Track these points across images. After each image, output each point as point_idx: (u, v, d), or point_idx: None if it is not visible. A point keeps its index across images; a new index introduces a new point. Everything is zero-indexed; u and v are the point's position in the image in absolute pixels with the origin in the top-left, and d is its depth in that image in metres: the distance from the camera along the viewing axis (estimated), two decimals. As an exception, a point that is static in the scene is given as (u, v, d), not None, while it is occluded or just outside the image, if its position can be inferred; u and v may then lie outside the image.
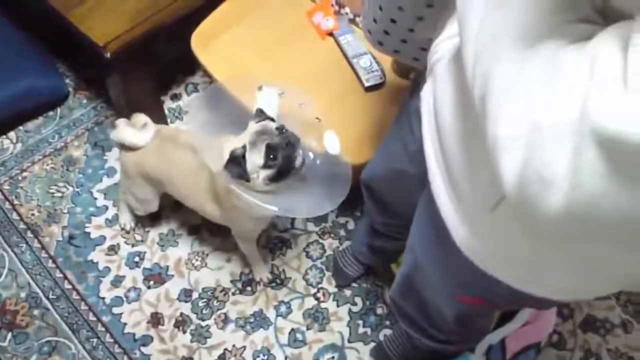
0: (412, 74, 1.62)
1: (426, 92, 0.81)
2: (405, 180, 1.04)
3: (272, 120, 1.31)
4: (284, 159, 1.24)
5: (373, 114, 1.60)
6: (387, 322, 1.66)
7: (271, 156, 1.23)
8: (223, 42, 1.69)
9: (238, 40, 1.69)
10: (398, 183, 1.13)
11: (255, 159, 1.24)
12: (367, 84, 1.60)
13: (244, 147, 1.24)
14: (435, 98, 0.76)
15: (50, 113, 2.02)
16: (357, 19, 1.71)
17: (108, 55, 1.61)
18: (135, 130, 1.51)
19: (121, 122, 1.53)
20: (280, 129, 1.26)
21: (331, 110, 1.57)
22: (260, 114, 1.32)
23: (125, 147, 1.51)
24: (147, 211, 1.67)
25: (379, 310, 1.68)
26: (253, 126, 1.29)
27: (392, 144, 1.10)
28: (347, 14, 1.71)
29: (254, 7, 1.74)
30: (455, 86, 0.72)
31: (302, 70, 1.63)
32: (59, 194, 1.83)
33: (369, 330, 1.64)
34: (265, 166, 1.24)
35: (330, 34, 1.69)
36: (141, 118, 1.54)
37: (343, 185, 1.29)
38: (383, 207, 1.31)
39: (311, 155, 1.36)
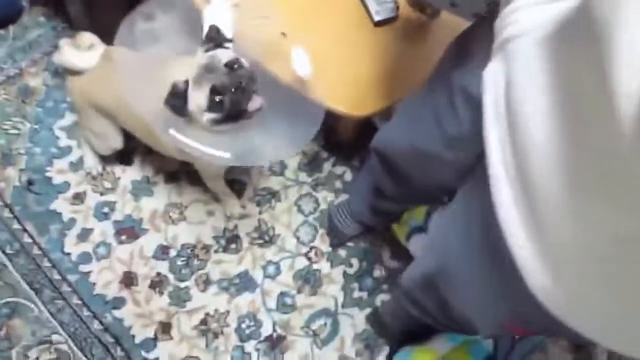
0: (429, 9, 1.38)
1: (492, 74, 0.59)
2: (435, 164, 0.85)
3: (227, 44, 1.09)
4: (231, 103, 1.04)
5: (383, 54, 1.37)
6: (385, 287, 1.52)
7: (216, 99, 1.03)
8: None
9: (224, -44, 1.40)
10: (425, 163, 0.92)
11: (197, 99, 1.04)
12: (377, 18, 1.36)
13: (186, 82, 1.04)
14: (511, 87, 0.55)
15: (1, 32, 1.72)
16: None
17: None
18: (80, 51, 1.32)
19: (64, 42, 1.34)
20: (231, 65, 1.05)
21: (334, 49, 1.34)
22: (211, 41, 1.09)
23: (71, 72, 1.34)
24: (110, 149, 1.46)
25: (376, 273, 1.53)
26: (199, 57, 1.07)
27: (422, 119, 0.88)
28: None
29: None
30: (556, 81, 0.50)
31: (300, 0, 1.37)
32: (15, 131, 1.59)
33: (364, 294, 1.50)
34: (209, 109, 1.04)
35: (335, -46, 1.41)
36: (87, 37, 1.34)
37: (311, 123, 1.09)
38: (398, 178, 1.11)
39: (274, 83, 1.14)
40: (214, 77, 1.03)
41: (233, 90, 1.04)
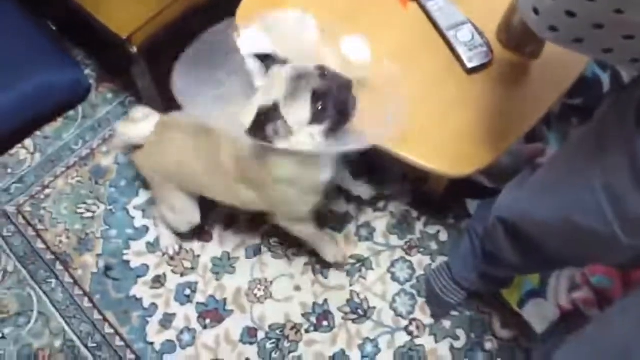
0: (529, 47, 1.24)
1: None
2: (603, 245, 0.69)
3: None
4: (337, 106, 0.93)
5: (480, 103, 1.23)
6: (499, 360, 1.34)
7: (320, 106, 0.92)
8: (276, 19, 1.32)
9: (295, 15, 1.33)
10: (582, 240, 0.77)
11: (297, 114, 0.93)
12: (470, 65, 1.23)
13: (276, 101, 0.93)
14: None
15: (71, 113, 1.70)
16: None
17: (134, 49, 1.28)
18: (136, 125, 1.31)
19: (119, 124, 1.37)
20: (322, 70, 0.95)
21: (426, 104, 1.21)
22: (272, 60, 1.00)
23: (133, 147, 1.33)
24: (188, 223, 1.37)
25: (488, 345, 1.35)
26: (282, 71, 0.96)
27: (585, 189, 0.73)
28: (434, -28, 1.32)
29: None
30: None
31: (380, 51, 1.26)
32: (89, 214, 1.54)
33: (477, 372, 1.33)
34: (314, 121, 0.93)
35: (415, 0, 1.31)
36: (139, 111, 1.33)
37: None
38: (528, 249, 0.96)
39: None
40: (310, 82, 0.93)
41: (335, 91, 0.93)
